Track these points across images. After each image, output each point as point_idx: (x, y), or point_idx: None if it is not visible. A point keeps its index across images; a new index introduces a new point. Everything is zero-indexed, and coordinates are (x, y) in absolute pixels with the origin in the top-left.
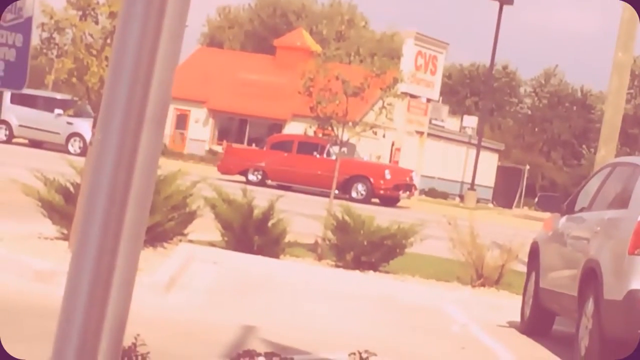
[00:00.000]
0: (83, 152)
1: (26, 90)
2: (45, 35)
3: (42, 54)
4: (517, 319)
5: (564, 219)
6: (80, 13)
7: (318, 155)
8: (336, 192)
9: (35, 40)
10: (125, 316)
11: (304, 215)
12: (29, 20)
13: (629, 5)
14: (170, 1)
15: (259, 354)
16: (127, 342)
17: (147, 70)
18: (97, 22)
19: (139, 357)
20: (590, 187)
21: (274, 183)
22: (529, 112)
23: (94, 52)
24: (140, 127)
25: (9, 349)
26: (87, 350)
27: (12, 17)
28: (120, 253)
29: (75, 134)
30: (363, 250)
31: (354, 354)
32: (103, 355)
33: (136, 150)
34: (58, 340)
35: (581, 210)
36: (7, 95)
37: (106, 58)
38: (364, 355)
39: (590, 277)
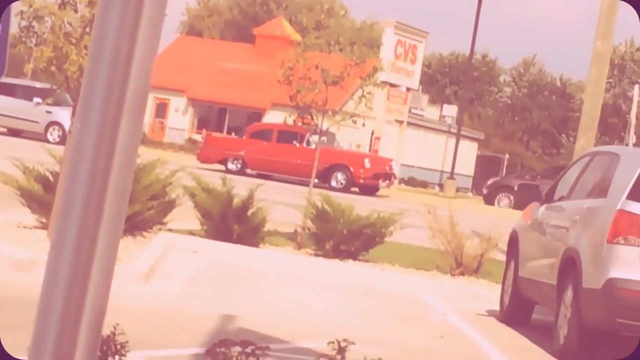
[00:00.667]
0: (62, 141)
1: (5, 79)
2: (24, 23)
3: (21, 42)
4: (497, 307)
5: (543, 207)
6: (59, 1)
7: (298, 144)
8: (316, 181)
9: (14, 29)
10: (105, 305)
11: (283, 204)
12: (9, 9)
13: None
14: None
15: (235, 343)
16: (106, 331)
17: (126, 59)
18: (76, 11)
19: (118, 347)
20: (569, 176)
21: (254, 172)
22: (509, 101)
23: (73, 40)
24: (119, 115)
25: None
26: (66, 339)
27: None
28: (100, 242)
29: (54, 123)
30: (342, 239)
31: (333, 342)
32: (82, 344)
33: (115, 138)
34: (37, 329)
35: (560, 199)
36: None
37: (85, 47)
38: (343, 344)
39: (570, 265)
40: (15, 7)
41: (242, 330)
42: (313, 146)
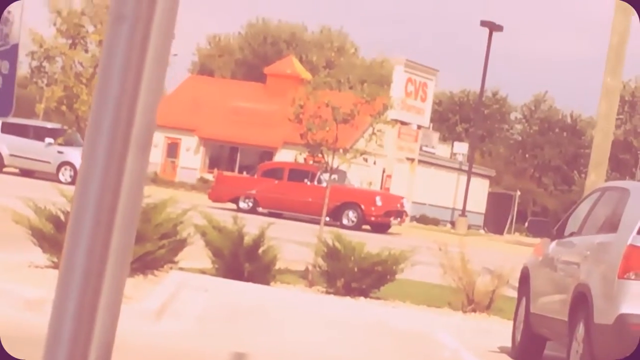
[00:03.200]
0: (74, 181)
1: (17, 120)
2: (35, 63)
3: (32, 82)
4: (508, 344)
5: (554, 243)
6: (70, 41)
7: (309, 183)
8: (327, 219)
9: (25, 69)
10: (112, 339)
11: (294, 242)
12: (15, 47)
13: (617, 31)
14: (155, 26)
15: None
16: None
17: (132, 96)
18: (86, 51)
19: None
20: (580, 212)
21: (265, 210)
22: (520, 138)
23: (84, 80)
24: (125, 151)
25: None
26: None
27: None
28: (107, 277)
29: (65, 163)
30: (354, 277)
31: None
32: None
33: (121, 175)
34: None
35: (571, 234)
36: None
37: None
38: None
39: (581, 301)
40: (26, 48)
41: None
42: (324, 184)
